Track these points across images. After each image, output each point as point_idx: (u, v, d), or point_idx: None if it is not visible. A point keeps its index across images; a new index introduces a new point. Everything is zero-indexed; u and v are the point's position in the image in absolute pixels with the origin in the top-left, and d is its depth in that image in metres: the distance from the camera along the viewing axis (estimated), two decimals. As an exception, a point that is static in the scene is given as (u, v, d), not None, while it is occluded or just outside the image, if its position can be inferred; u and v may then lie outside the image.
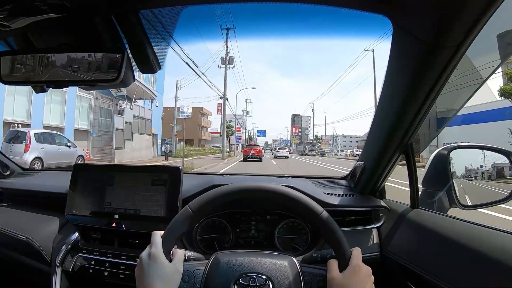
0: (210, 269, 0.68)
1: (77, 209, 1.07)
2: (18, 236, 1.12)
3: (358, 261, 0.64)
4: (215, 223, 1.12)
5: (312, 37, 0.84)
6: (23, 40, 0.73)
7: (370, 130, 0.96)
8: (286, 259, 0.71)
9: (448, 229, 0.78)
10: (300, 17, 0.74)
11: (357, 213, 1.08)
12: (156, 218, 0.99)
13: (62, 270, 1.05)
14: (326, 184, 1.24)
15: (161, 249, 0.64)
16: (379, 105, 0.85)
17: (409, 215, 0.95)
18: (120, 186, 1.04)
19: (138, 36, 0.70)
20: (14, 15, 0.59)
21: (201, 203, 0.69)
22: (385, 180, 1.10)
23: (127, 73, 0.68)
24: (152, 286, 0.61)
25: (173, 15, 0.73)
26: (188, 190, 1.07)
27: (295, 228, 1.11)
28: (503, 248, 0.63)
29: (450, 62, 0.60)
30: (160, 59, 0.75)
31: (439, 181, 1.05)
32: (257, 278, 0.66)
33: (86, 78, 0.67)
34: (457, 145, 1.07)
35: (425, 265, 0.78)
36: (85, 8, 0.63)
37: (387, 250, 0.95)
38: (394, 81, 0.75)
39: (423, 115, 0.77)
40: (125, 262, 0.99)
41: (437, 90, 0.68)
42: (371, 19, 0.63)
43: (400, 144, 0.88)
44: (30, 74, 0.69)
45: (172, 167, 1.03)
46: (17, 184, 1.42)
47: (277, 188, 0.71)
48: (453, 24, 0.52)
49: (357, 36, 0.80)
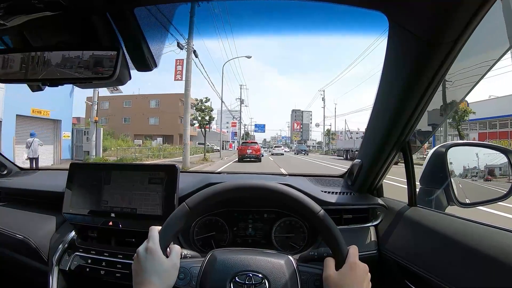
0: (206, 267, 0.68)
1: (74, 208, 1.07)
2: (15, 235, 1.12)
3: (355, 259, 0.64)
4: (212, 222, 1.12)
5: (309, 34, 0.84)
6: (18, 38, 0.73)
7: (367, 128, 0.96)
8: (283, 257, 0.71)
9: (446, 227, 0.78)
10: (297, 13, 0.74)
11: (355, 211, 1.08)
12: (152, 216, 0.99)
13: (59, 269, 1.05)
14: (323, 182, 1.24)
15: (158, 244, 0.64)
16: (376, 102, 0.85)
17: (406, 213, 0.95)
18: (117, 185, 1.04)
19: (133, 34, 0.69)
20: (10, 13, 0.59)
21: (198, 200, 0.69)
22: (383, 178, 1.09)
23: (123, 71, 0.68)
24: (149, 281, 0.61)
25: (168, 13, 0.72)
26: (184, 188, 1.06)
27: (292, 227, 1.11)
28: (501, 246, 0.63)
29: (447, 59, 0.60)
30: (156, 56, 0.75)
31: (437, 179, 1.05)
32: (253, 276, 0.66)
33: (82, 76, 0.67)
34: (455, 142, 1.07)
35: (423, 263, 0.78)
36: (80, 6, 0.63)
37: (384, 248, 0.95)
38: (391, 78, 0.75)
39: (420, 112, 0.77)
40: (121, 261, 0.99)
41: (434, 87, 0.68)
42: (367, 16, 0.63)
43: (398, 141, 0.88)
44: (26, 72, 0.69)
45: (169, 166, 1.03)
46: (14, 183, 1.42)
47: (274, 186, 0.70)
48: (450, 20, 0.52)
49: (354, 33, 0.80)
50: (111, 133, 25.35)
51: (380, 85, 0.79)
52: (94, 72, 0.66)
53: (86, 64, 0.66)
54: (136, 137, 32.17)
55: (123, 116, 35.92)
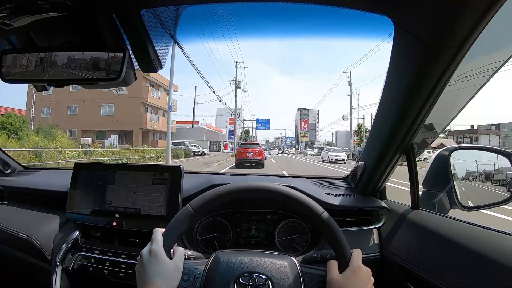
0: (210, 268, 0.68)
1: (78, 207, 1.07)
2: (18, 234, 1.13)
3: (358, 262, 0.64)
4: (216, 223, 1.12)
5: (313, 37, 0.84)
6: (25, 39, 0.74)
7: (371, 130, 0.96)
8: (286, 259, 0.71)
9: (449, 230, 0.78)
10: (301, 17, 0.74)
11: (358, 214, 1.08)
12: (156, 217, 0.99)
13: (62, 268, 1.05)
14: (326, 184, 1.24)
15: (162, 246, 0.64)
16: (380, 105, 0.85)
17: (409, 215, 0.95)
18: (121, 185, 1.04)
19: (139, 35, 0.70)
20: (16, 13, 0.60)
21: (202, 202, 0.69)
22: (386, 181, 1.09)
23: (128, 72, 0.68)
24: (152, 283, 0.61)
25: (174, 15, 0.73)
26: (188, 189, 1.07)
27: (295, 228, 1.11)
28: (503, 250, 0.63)
29: (452, 63, 0.60)
30: (161, 58, 0.76)
31: (440, 182, 1.05)
32: (257, 277, 0.66)
33: (88, 76, 0.67)
34: (458, 146, 1.07)
35: (425, 266, 0.78)
36: (87, 7, 0.63)
37: (387, 251, 0.95)
38: (395, 82, 0.75)
39: (424, 116, 0.77)
40: (125, 261, 1.00)
41: (438, 91, 0.68)
42: (373, 20, 0.63)
43: (401, 144, 0.88)
44: (32, 73, 0.70)
45: (173, 166, 1.03)
46: (18, 182, 1.42)
47: (278, 188, 0.71)
48: (455, 24, 0.52)
49: (359, 37, 0.80)
50: (50, 129, 16.66)
51: (384, 88, 0.80)
52: (100, 73, 0.66)
53: (92, 65, 0.67)
54: (84, 133, 23.30)
55: (69, 105, 24.57)
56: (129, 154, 14.95)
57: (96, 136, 23.27)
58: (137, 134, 24.66)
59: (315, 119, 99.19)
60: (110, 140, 21.35)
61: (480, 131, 43.05)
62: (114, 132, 22.65)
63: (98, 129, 24.04)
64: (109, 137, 21.85)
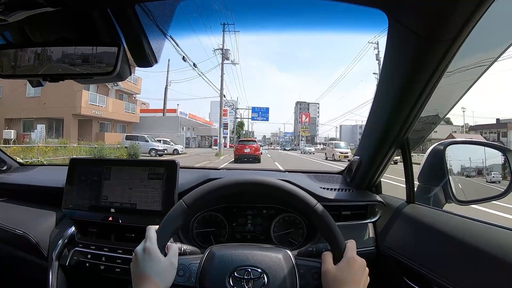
0: (205, 263, 0.69)
1: (74, 203, 1.07)
2: (15, 231, 1.12)
3: (353, 253, 0.65)
4: (211, 217, 1.12)
5: (309, 32, 0.84)
6: (19, 34, 0.73)
7: (366, 125, 0.96)
8: (281, 252, 0.72)
9: (444, 224, 0.79)
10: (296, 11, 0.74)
11: (353, 208, 1.08)
12: (152, 212, 0.99)
13: (59, 264, 1.05)
14: (322, 178, 1.25)
15: (156, 244, 0.64)
16: (375, 99, 0.85)
17: (404, 210, 0.96)
18: (117, 180, 1.04)
19: (134, 30, 0.70)
20: (11, 8, 0.59)
21: (195, 197, 0.69)
22: (381, 175, 1.10)
23: (123, 67, 0.68)
24: (147, 281, 0.61)
25: (170, 9, 0.72)
26: (184, 184, 1.07)
27: (291, 222, 1.12)
28: (498, 243, 0.63)
29: (445, 56, 0.60)
30: (156, 52, 0.75)
31: (435, 176, 1.06)
32: (252, 271, 0.66)
33: (83, 71, 0.67)
34: (453, 140, 1.08)
35: (420, 259, 0.78)
36: (81, 2, 0.63)
37: (382, 245, 0.96)
38: (390, 76, 0.75)
39: (419, 110, 0.77)
40: (121, 256, 1.00)
41: (432, 84, 0.68)
42: (367, 13, 0.63)
43: (396, 139, 0.89)
44: (26, 68, 0.69)
45: (168, 161, 1.03)
46: (14, 179, 1.42)
47: (271, 181, 0.71)
48: (448, 17, 0.52)
49: (354, 31, 0.80)
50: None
51: (379, 82, 0.80)
52: (95, 67, 0.66)
53: (87, 60, 0.67)
54: (8, 123, 17.54)
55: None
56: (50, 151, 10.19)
57: (23, 128, 18.22)
58: (68, 123, 17.86)
59: (315, 114, 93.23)
60: (36, 132, 16.34)
61: (510, 125, 35.05)
62: (41, 121, 17.12)
63: (26, 118, 17.73)
64: (35, 129, 16.76)
